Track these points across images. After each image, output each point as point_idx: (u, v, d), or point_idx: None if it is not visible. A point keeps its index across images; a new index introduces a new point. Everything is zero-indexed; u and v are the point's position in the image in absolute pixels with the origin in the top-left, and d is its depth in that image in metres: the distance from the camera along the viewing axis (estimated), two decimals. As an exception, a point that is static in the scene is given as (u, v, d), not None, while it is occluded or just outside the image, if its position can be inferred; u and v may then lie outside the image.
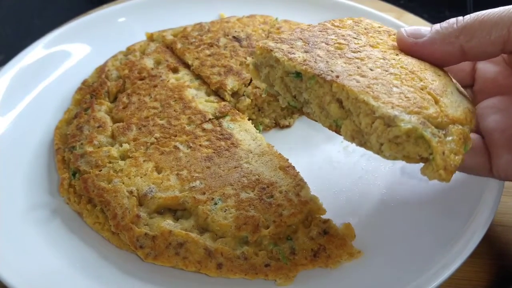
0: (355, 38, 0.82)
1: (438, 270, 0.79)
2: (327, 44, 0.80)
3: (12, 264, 0.82)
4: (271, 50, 0.79)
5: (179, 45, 1.16)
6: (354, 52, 0.78)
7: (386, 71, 0.75)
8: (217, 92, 1.07)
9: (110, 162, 0.93)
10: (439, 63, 0.80)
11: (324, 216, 0.86)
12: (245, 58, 1.10)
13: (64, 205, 0.93)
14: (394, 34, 0.86)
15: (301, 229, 0.84)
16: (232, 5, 1.33)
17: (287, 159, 0.93)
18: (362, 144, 0.73)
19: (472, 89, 0.89)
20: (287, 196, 0.86)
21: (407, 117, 0.67)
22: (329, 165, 1.00)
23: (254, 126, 1.00)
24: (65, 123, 1.06)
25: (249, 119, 1.02)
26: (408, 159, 0.69)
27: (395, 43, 0.83)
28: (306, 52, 0.78)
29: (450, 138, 0.69)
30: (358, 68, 0.75)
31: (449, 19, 0.77)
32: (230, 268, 0.80)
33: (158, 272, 0.83)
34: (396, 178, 0.96)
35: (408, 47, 0.80)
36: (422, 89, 0.73)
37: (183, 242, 0.82)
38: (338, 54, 0.77)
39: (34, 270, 0.82)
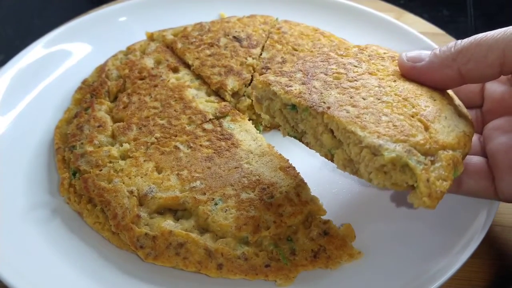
0: (356, 66, 0.84)
1: (438, 271, 0.79)
2: (326, 74, 0.83)
3: (12, 264, 0.82)
4: (270, 84, 0.82)
5: (179, 45, 1.16)
6: (350, 81, 0.81)
7: (379, 99, 0.77)
8: (217, 92, 1.07)
9: (110, 162, 0.93)
10: (439, 87, 0.81)
11: (324, 217, 0.86)
12: (246, 58, 1.10)
13: (64, 205, 0.93)
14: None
15: (301, 230, 0.84)
16: (233, 5, 1.33)
17: (288, 160, 0.93)
18: (354, 172, 0.76)
19: (481, 109, 0.89)
20: (288, 196, 0.86)
21: (391, 146, 0.69)
22: (329, 165, 1.00)
23: (255, 127, 1.00)
24: (65, 122, 1.06)
25: (249, 120, 1.02)
26: (396, 186, 0.71)
27: (397, 68, 0.84)
28: (303, 84, 0.81)
29: (438, 164, 0.70)
30: (350, 98, 0.77)
31: (448, 43, 0.79)
32: (230, 268, 0.80)
33: (158, 272, 0.83)
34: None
35: (407, 71, 0.82)
36: (412, 116, 0.74)
37: (183, 242, 0.82)
38: (334, 84, 0.80)
39: (34, 270, 0.82)
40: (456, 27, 1.61)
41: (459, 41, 0.77)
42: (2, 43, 1.67)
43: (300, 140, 0.85)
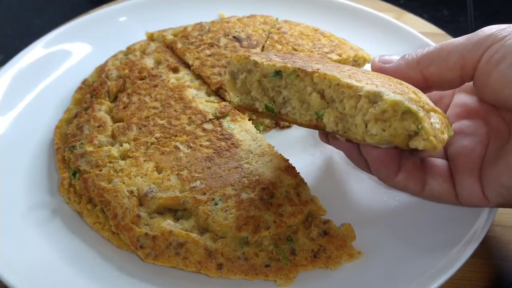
0: (338, 67, 0.85)
1: (438, 271, 0.79)
2: (304, 60, 0.84)
3: (12, 264, 0.82)
4: (249, 57, 0.82)
5: (179, 45, 1.16)
6: (331, 65, 0.82)
7: (363, 72, 0.78)
8: (217, 92, 1.07)
9: (110, 162, 0.93)
10: None
11: (324, 217, 0.86)
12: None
13: (64, 205, 0.93)
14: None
15: (301, 230, 0.84)
16: (233, 5, 1.33)
17: (288, 160, 0.93)
18: (346, 130, 0.73)
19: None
20: (288, 196, 0.86)
21: (392, 94, 0.68)
22: (329, 165, 1.00)
23: (255, 127, 1.00)
24: (65, 122, 1.06)
25: (249, 120, 1.02)
26: (395, 137, 0.69)
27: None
28: (283, 59, 0.82)
29: (434, 120, 0.70)
30: (336, 68, 0.78)
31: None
32: (230, 268, 0.80)
33: (158, 272, 0.83)
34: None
35: (376, 70, 0.85)
36: (400, 84, 0.77)
37: (183, 242, 0.82)
38: (315, 63, 0.81)
39: (34, 270, 0.82)
40: (456, 27, 1.61)
41: (427, 48, 0.81)
42: (2, 43, 1.68)
43: (278, 114, 0.82)
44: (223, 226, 0.83)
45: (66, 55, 1.21)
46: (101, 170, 0.92)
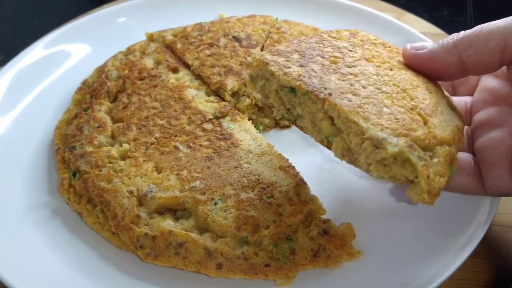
0: (351, 51, 0.83)
1: (438, 270, 0.79)
2: (323, 57, 0.81)
3: (12, 264, 0.82)
4: (267, 64, 0.80)
5: (179, 45, 1.16)
6: (348, 67, 0.80)
7: (379, 89, 0.76)
8: (217, 92, 1.07)
9: (110, 162, 0.93)
10: (440, 76, 0.81)
11: (324, 216, 0.86)
12: (245, 58, 1.10)
13: (64, 205, 0.93)
14: (389, 46, 0.88)
15: (301, 229, 0.84)
16: (232, 5, 1.33)
17: (287, 159, 0.93)
18: (352, 162, 0.75)
19: (471, 99, 0.89)
20: (287, 196, 0.86)
21: (394, 140, 0.69)
22: (329, 165, 1.00)
23: (254, 126, 1.00)
24: (65, 123, 1.06)
25: (249, 119, 1.02)
26: (395, 179, 0.71)
27: (390, 55, 0.84)
28: (301, 66, 0.79)
29: (436, 160, 0.70)
30: (351, 85, 0.76)
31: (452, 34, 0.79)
32: (230, 268, 0.80)
33: (158, 272, 0.83)
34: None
35: (410, 59, 0.82)
36: (412, 109, 0.74)
37: (183, 242, 0.82)
38: (333, 69, 0.79)
39: (34, 270, 0.82)
40: (456, 27, 1.61)
41: (462, 31, 0.78)
42: (2, 43, 1.68)
43: (294, 123, 0.83)
44: (223, 226, 0.83)
45: (66, 56, 1.21)
46: (101, 171, 0.92)
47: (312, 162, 1.00)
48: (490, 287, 0.87)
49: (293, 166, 0.91)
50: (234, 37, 1.16)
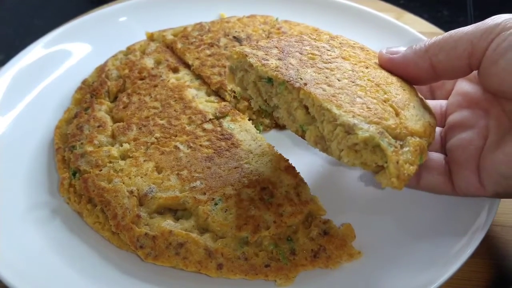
0: (329, 50, 0.86)
1: (438, 270, 0.79)
2: (301, 53, 0.84)
3: (12, 264, 0.81)
4: (246, 55, 0.82)
5: (179, 45, 1.16)
6: (325, 62, 0.82)
7: (353, 82, 0.79)
8: (217, 92, 1.07)
9: (110, 162, 0.93)
10: (413, 79, 0.84)
11: (324, 217, 0.86)
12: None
13: (64, 205, 0.93)
14: (367, 50, 0.90)
15: (301, 230, 0.84)
16: (233, 5, 1.33)
17: (288, 159, 0.93)
18: (325, 149, 0.77)
19: (446, 102, 0.91)
20: (288, 196, 0.86)
21: (365, 126, 0.71)
22: (329, 165, 1.00)
23: (255, 127, 1.00)
24: (65, 122, 1.06)
25: (249, 119, 1.02)
26: (365, 166, 0.73)
27: (367, 57, 0.87)
28: (279, 59, 0.82)
29: (407, 149, 0.72)
30: (326, 78, 0.79)
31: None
32: (230, 268, 0.80)
33: (158, 272, 0.83)
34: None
35: (385, 63, 0.85)
36: (385, 101, 0.77)
37: (183, 242, 0.82)
38: (310, 63, 0.82)
39: (34, 270, 0.82)
40: (456, 27, 1.61)
41: (435, 36, 0.81)
42: (2, 43, 1.68)
43: (271, 115, 0.84)
44: (223, 226, 0.83)
45: (66, 55, 1.21)
46: (101, 170, 0.92)
47: (312, 162, 1.00)
48: (490, 287, 0.87)
49: (294, 167, 0.91)
50: (234, 37, 1.16)
